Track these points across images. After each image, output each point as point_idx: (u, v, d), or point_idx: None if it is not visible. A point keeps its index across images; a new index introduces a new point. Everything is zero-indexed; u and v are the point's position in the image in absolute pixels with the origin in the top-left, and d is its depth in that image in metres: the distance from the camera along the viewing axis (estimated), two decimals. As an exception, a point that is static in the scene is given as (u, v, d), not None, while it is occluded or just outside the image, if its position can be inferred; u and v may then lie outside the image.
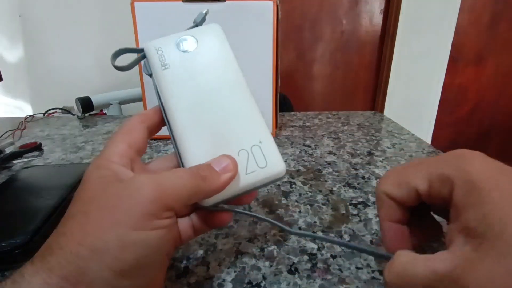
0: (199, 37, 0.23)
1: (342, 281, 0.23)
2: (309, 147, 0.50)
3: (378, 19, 1.57)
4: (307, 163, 0.44)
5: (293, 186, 0.37)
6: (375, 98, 1.70)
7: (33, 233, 0.25)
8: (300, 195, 0.35)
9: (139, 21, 0.47)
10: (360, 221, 0.30)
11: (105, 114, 1.15)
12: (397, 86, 1.59)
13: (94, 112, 1.08)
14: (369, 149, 0.48)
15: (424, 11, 1.49)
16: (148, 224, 0.16)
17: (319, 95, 1.70)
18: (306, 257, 0.25)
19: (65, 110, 0.82)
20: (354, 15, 1.55)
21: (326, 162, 0.44)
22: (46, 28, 1.44)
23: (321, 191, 0.36)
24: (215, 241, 0.27)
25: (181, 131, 0.21)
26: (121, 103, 1.15)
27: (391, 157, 0.46)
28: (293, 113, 0.71)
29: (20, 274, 0.15)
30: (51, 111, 0.76)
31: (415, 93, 1.62)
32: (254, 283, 0.23)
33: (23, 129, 0.62)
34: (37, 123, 0.67)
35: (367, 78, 1.67)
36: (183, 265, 0.25)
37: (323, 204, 0.33)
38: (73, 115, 0.79)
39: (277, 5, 0.47)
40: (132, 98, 1.17)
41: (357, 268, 0.24)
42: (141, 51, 0.23)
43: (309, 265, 0.24)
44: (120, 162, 0.19)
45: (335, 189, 0.36)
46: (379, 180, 0.24)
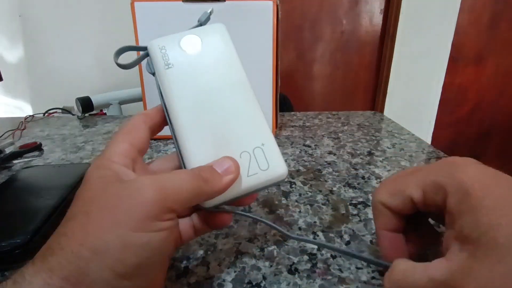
0: (203, 36, 0.23)
1: (342, 281, 0.23)
2: (309, 147, 0.50)
3: (378, 19, 1.57)
4: (307, 163, 0.44)
5: (293, 186, 0.37)
6: (375, 98, 1.70)
7: (33, 233, 0.25)
8: (300, 195, 0.35)
9: (139, 21, 0.47)
10: (360, 221, 0.30)
11: (105, 114, 1.15)
12: (397, 86, 1.59)
13: (94, 112, 1.08)
14: (369, 149, 0.49)
15: (424, 11, 1.48)
16: (149, 225, 0.16)
17: (319, 95, 1.69)
18: (306, 257, 0.25)
19: (65, 110, 0.82)
20: (354, 15, 1.55)
21: (326, 162, 0.44)
22: (46, 28, 1.44)
23: (321, 191, 0.36)
24: (215, 241, 0.27)
25: (183, 132, 0.21)
26: (121, 103, 1.15)
27: (391, 157, 0.46)
28: (293, 113, 0.71)
29: (21, 274, 0.15)
30: (51, 111, 0.76)
31: (415, 93, 1.62)
32: (254, 283, 0.23)
33: (23, 129, 0.62)
34: (37, 123, 0.67)
35: (367, 78, 1.67)
36: (183, 265, 0.25)
37: (323, 204, 0.33)
38: (73, 115, 0.79)
39: (277, 5, 0.47)
40: (132, 98, 1.17)
41: (357, 268, 0.24)
42: (145, 49, 0.23)
43: (309, 265, 0.24)
44: (121, 162, 0.19)
45: (335, 189, 0.36)
46: (374, 190, 0.25)
